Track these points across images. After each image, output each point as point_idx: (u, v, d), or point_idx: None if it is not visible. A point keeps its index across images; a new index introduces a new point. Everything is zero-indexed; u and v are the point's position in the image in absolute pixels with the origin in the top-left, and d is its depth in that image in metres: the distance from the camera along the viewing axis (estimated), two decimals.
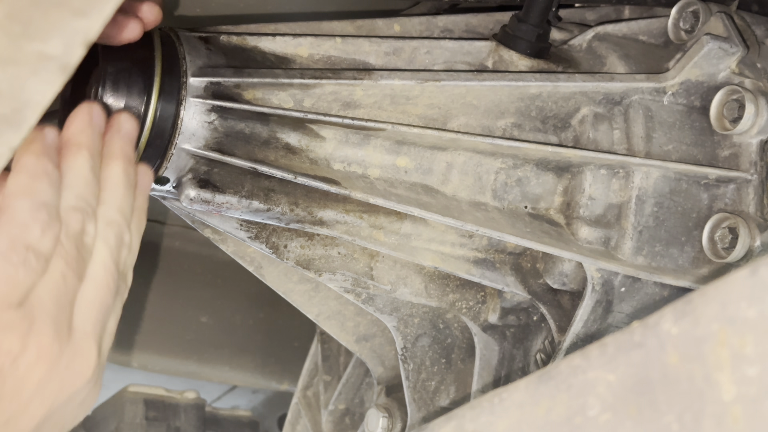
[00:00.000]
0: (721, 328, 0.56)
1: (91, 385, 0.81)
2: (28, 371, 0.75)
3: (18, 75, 0.62)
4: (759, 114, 1.05)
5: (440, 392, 1.19)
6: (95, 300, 0.80)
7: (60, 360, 0.77)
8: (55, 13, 0.60)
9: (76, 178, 0.80)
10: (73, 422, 0.83)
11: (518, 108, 1.07)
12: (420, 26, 1.13)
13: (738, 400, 0.55)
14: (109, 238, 0.81)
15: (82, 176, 0.81)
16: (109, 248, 0.81)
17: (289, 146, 1.01)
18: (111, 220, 0.82)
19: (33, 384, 0.76)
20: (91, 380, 0.80)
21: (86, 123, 0.83)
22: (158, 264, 1.65)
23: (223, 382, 1.87)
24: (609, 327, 1.07)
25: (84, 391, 0.80)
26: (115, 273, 0.81)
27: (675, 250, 1.07)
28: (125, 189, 0.84)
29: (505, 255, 1.11)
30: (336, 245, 1.10)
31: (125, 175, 0.84)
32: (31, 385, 0.76)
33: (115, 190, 0.83)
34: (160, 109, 0.96)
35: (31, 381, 0.76)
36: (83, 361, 0.79)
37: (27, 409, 0.76)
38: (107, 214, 0.82)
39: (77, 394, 0.80)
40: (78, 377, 0.79)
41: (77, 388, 0.79)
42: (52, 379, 0.77)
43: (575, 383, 0.62)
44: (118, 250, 0.82)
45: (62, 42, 0.61)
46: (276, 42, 1.03)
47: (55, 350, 0.76)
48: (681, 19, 1.12)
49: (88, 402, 0.83)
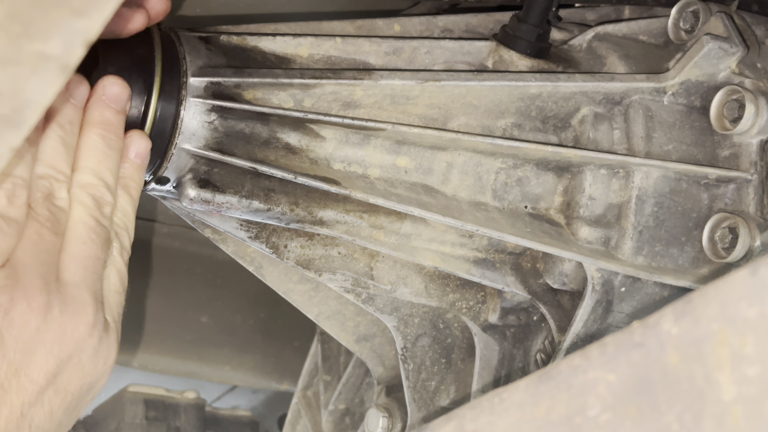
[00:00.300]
0: (721, 328, 0.56)
1: (99, 333, 0.84)
2: (23, 322, 0.79)
3: (18, 75, 0.62)
4: (759, 114, 1.05)
5: (440, 392, 1.19)
6: (79, 253, 0.84)
7: (52, 308, 0.81)
8: (56, 13, 0.60)
9: (45, 149, 0.85)
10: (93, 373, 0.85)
11: (518, 108, 1.07)
12: (420, 26, 1.13)
13: (738, 400, 0.55)
14: (84, 198, 0.86)
15: (50, 146, 0.85)
16: (86, 207, 0.86)
17: (290, 146, 1.01)
18: (85, 183, 0.86)
19: (31, 333, 0.80)
20: (93, 325, 0.83)
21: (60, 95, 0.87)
22: (158, 264, 1.65)
23: (223, 382, 1.86)
24: (609, 327, 1.07)
25: (91, 339, 0.84)
26: (96, 227, 0.86)
27: (675, 250, 1.07)
28: (101, 154, 0.88)
29: (505, 255, 1.11)
30: (336, 245, 1.10)
31: (102, 140, 0.88)
32: (29, 334, 0.80)
33: (90, 156, 0.88)
34: (160, 108, 0.96)
35: (29, 330, 0.80)
36: (77, 307, 0.83)
37: (34, 357, 0.80)
38: (81, 179, 0.86)
39: (84, 341, 0.83)
40: (77, 323, 0.82)
41: (81, 334, 0.83)
42: (49, 326, 0.81)
43: (575, 383, 0.62)
44: (98, 208, 0.86)
45: (62, 42, 0.61)
46: (276, 42, 1.03)
47: (44, 299, 0.81)
48: (681, 19, 1.12)
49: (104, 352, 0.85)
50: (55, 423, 0.83)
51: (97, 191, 0.87)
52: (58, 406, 0.83)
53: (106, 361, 0.86)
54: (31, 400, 0.80)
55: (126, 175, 0.92)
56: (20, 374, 0.80)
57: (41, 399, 0.81)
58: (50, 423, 0.83)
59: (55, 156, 0.85)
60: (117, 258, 0.89)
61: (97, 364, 0.85)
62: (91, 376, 0.85)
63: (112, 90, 0.91)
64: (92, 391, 0.87)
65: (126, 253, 0.90)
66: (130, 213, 0.91)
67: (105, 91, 0.91)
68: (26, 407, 0.80)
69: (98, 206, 0.87)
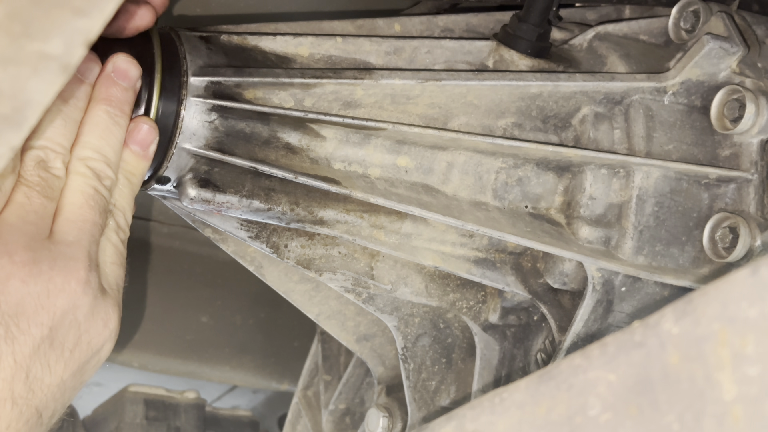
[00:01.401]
0: (721, 327, 0.56)
1: (93, 291, 0.85)
2: (5, 274, 0.81)
3: (19, 75, 0.62)
4: (759, 113, 1.05)
5: (441, 392, 1.19)
6: (74, 216, 0.86)
7: (39, 263, 0.82)
8: (56, 12, 0.60)
9: (45, 123, 0.87)
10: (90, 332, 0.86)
11: (519, 107, 1.07)
12: (420, 26, 1.13)
13: (739, 399, 0.55)
14: (82, 169, 0.87)
15: (48, 120, 0.87)
16: (84, 177, 0.87)
17: (290, 146, 1.01)
18: (85, 157, 0.88)
19: (16, 285, 0.81)
20: (85, 281, 0.84)
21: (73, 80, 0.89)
22: (158, 264, 1.65)
23: (223, 382, 1.86)
24: (609, 327, 1.07)
25: (84, 295, 0.84)
26: (95, 195, 0.87)
27: (675, 250, 1.07)
28: (104, 129, 0.89)
29: (505, 255, 1.11)
30: (336, 245, 1.10)
31: (106, 115, 0.90)
32: (14, 285, 0.81)
33: (92, 131, 0.89)
34: (160, 108, 0.96)
35: (13, 282, 0.81)
36: (68, 263, 0.84)
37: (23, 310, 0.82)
38: (81, 153, 0.88)
39: (76, 297, 0.84)
40: (67, 278, 0.84)
41: (72, 291, 0.84)
42: (36, 280, 0.82)
43: (576, 383, 0.62)
44: (96, 179, 0.88)
45: (63, 42, 0.61)
46: (276, 41, 1.03)
47: (29, 255, 0.82)
48: (682, 19, 1.12)
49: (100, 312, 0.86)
50: (56, 378, 0.84)
51: (97, 165, 0.88)
52: (55, 361, 0.83)
53: (106, 324, 0.87)
54: (23, 350, 0.81)
55: (127, 161, 0.92)
56: (9, 323, 0.81)
57: (37, 351, 0.82)
58: (50, 377, 0.83)
59: (52, 129, 0.87)
60: (113, 235, 0.90)
61: (96, 324, 0.86)
62: (89, 335, 0.86)
63: (121, 66, 0.92)
64: (97, 355, 0.87)
65: (122, 233, 0.91)
66: (128, 197, 0.92)
67: (114, 68, 0.91)
68: (20, 357, 0.81)
69: (97, 177, 0.88)
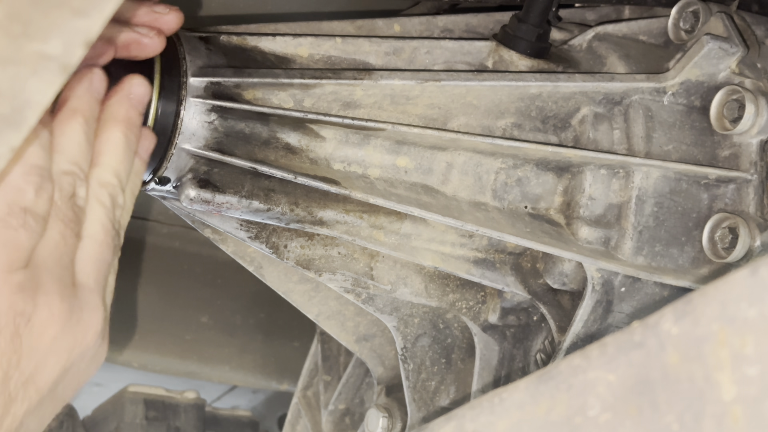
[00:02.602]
0: (721, 328, 0.56)
1: (101, 340, 0.83)
2: (42, 330, 0.77)
3: (18, 75, 0.62)
4: (759, 114, 1.05)
5: (440, 392, 1.19)
6: (95, 256, 0.82)
7: (70, 316, 0.78)
8: (56, 12, 0.60)
9: (69, 143, 0.82)
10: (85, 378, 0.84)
11: (518, 108, 1.07)
12: (420, 26, 1.13)
13: (738, 400, 0.55)
14: (104, 198, 0.83)
15: (75, 141, 0.82)
16: (105, 208, 0.83)
17: (289, 146, 1.01)
18: (105, 182, 0.84)
19: (47, 341, 0.77)
20: (100, 334, 0.82)
21: (84, 88, 0.85)
22: (158, 264, 1.65)
23: (223, 382, 1.87)
24: (609, 327, 1.07)
25: (95, 346, 0.82)
26: (112, 231, 0.83)
27: (675, 250, 1.07)
28: (123, 153, 0.86)
29: (505, 255, 1.11)
30: (336, 245, 1.10)
31: (125, 139, 0.86)
32: (45, 342, 0.77)
33: (112, 153, 0.85)
34: (160, 108, 0.96)
35: (46, 339, 0.77)
36: (91, 315, 0.81)
37: (45, 367, 0.78)
38: (102, 177, 0.84)
39: (89, 349, 0.81)
40: (88, 331, 0.80)
41: (89, 343, 0.81)
42: (65, 335, 0.78)
43: (575, 383, 0.62)
44: (113, 209, 0.84)
45: (62, 42, 0.61)
46: (276, 42, 1.03)
47: (65, 307, 0.78)
48: (681, 19, 1.12)
49: (99, 357, 0.84)
50: (43, 425, 0.82)
51: (114, 191, 0.84)
52: (50, 413, 0.81)
53: (98, 365, 0.85)
54: (31, 409, 0.78)
55: (136, 171, 0.89)
56: (28, 384, 0.77)
57: (40, 407, 0.79)
58: (39, 427, 0.81)
59: (78, 152, 0.82)
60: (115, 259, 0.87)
61: (90, 368, 0.84)
62: (87, 374, 0.84)
63: (139, 91, 0.89)
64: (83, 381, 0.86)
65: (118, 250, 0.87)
66: (130, 210, 0.89)
67: (132, 90, 0.88)
68: (26, 416, 0.78)
69: (113, 208, 0.84)
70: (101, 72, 0.87)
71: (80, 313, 0.79)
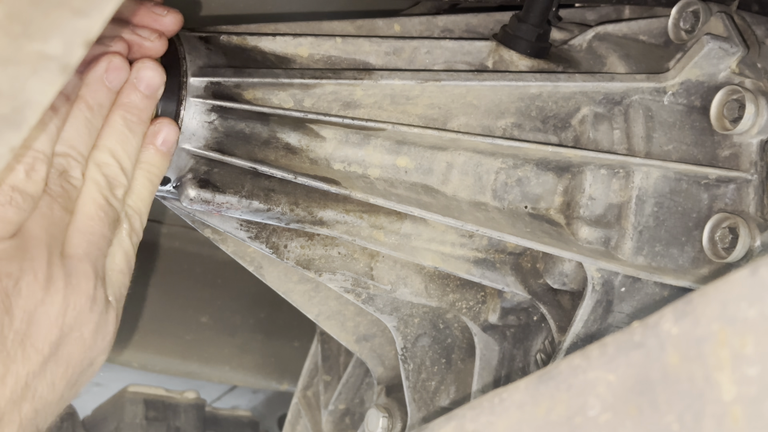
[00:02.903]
0: (721, 328, 0.56)
1: (97, 311, 0.86)
2: (29, 292, 0.82)
3: (18, 75, 0.62)
4: (759, 114, 1.05)
5: (440, 392, 1.19)
6: (85, 228, 0.87)
7: (56, 280, 0.83)
8: (56, 12, 0.60)
9: (69, 128, 0.88)
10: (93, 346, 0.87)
11: (518, 108, 1.07)
12: (420, 26, 1.13)
13: (738, 400, 0.55)
14: (97, 177, 0.88)
15: (74, 126, 0.88)
16: (97, 185, 0.88)
17: (289, 146, 1.01)
18: (100, 162, 0.89)
19: (36, 303, 0.82)
20: (92, 298, 0.85)
21: (95, 76, 0.90)
22: (158, 264, 1.65)
23: (223, 382, 1.86)
24: (609, 327, 1.07)
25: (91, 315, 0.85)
26: (105, 206, 0.88)
27: (675, 250, 1.07)
28: (120, 135, 0.90)
29: (505, 255, 1.11)
30: (336, 245, 1.10)
31: (123, 121, 0.91)
32: (34, 303, 0.82)
33: (109, 136, 0.90)
34: (160, 108, 0.96)
35: (34, 300, 0.82)
36: (79, 279, 0.85)
37: (39, 328, 0.82)
38: (97, 157, 0.89)
39: (83, 316, 0.85)
40: (79, 295, 0.84)
41: (81, 306, 0.85)
42: (53, 298, 0.83)
43: (575, 383, 0.62)
44: (109, 188, 0.89)
45: (62, 42, 0.61)
46: (276, 42, 1.03)
47: (49, 271, 0.83)
48: (681, 19, 1.12)
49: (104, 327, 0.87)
50: (57, 395, 0.85)
51: (110, 171, 0.89)
52: (59, 378, 0.85)
53: (105, 337, 0.88)
54: (35, 369, 0.82)
55: (149, 160, 0.93)
56: (26, 344, 0.82)
57: (44, 369, 0.83)
58: (52, 394, 0.84)
59: (76, 137, 0.88)
60: (125, 239, 0.91)
61: (97, 339, 0.87)
62: (91, 351, 0.87)
63: (144, 74, 0.92)
64: (92, 367, 0.88)
65: (135, 236, 0.92)
66: (146, 198, 0.93)
67: (137, 74, 0.92)
68: (30, 377, 0.82)
69: (110, 186, 0.89)
70: (117, 59, 0.91)
71: (68, 278, 0.84)
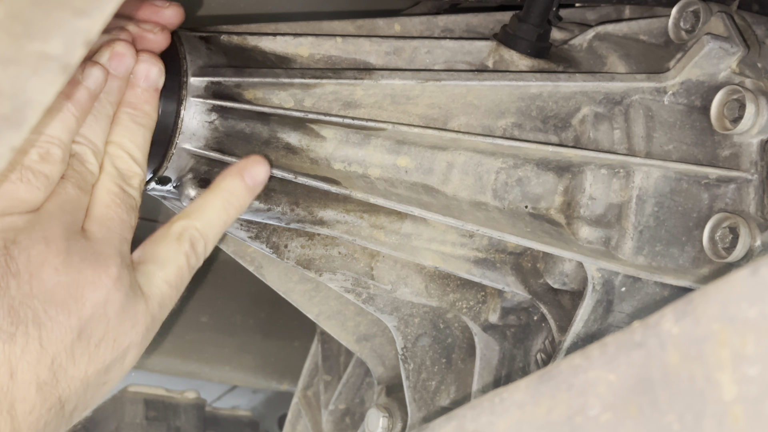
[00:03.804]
0: (721, 327, 0.56)
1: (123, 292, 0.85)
2: (40, 260, 0.82)
3: (19, 74, 0.62)
4: (759, 114, 1.05)
5: (441, 392, 1.19)
6: (102, 215, 0.88)
7: (72, 254, 0.83)
8: (56, 12, 0.60)
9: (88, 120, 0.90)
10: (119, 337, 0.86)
11: (519, 108, 1.07)
12: (420, 26, 1.13)
13: (739, 399, 0.55)
14: (109, 168, 0.91)
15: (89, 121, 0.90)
16: (110, 175, 0.90)
17: (290, 146, 1.01)
18: (111, 154, 0.92)
19: (49, 272, 0.82)
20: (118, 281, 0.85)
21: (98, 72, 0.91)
22: None
23: (223, 382, 1.86)
24: (609, 327, 1.07)
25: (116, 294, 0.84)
26: (120, 193, 0.90)
27: (675, 250, 1.07)
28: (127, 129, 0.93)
29: (505, 255, 1.11)
30: (336, 245, 1.10)
31: (127, 116, 0.93)
32: (47, 272, 0.82)
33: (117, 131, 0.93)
34: (160, 108, 0.96)
35: (47, 269, 0.82)
36: (99, 258, 0.84)
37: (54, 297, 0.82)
38: (108, 150, 0.92)
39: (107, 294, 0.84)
40: (98, 273, 0.84)
41: (103, 285, 0.84)
42: (68, 270, 0.83)
43: (576, 383, 0.62)
44: (122, 178, 0.91)
45: (63, 42, 0.61)
46: (276, 42, 1.03)
47: (64, 244, 0.83)
48: (681, 19, 1.12)
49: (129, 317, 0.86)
50: (80, 371, 0.83)
51: (122, 163, 0.91)
52: (81, 353, 0.83)
53: (134, 326, 0.86)
54: (50, 336, 0.81)
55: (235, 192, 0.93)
56: (38, 308, 0.81)
57: (63, 339, 0.82)
58: (74, 368, 0.83)
59: (86, 127, 0.90)
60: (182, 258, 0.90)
61: (124, 323, 0.85)
62: (116, 333, 0.85)
63: (141, 67, 0.94)
64: (121, 360, 0.86)
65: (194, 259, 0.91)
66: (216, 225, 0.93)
67: (136, 69, 0.94)
68: (45, 341, 0.81)
69: (122, 176, 0.90)
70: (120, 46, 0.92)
71: (85, 254, 0.84)
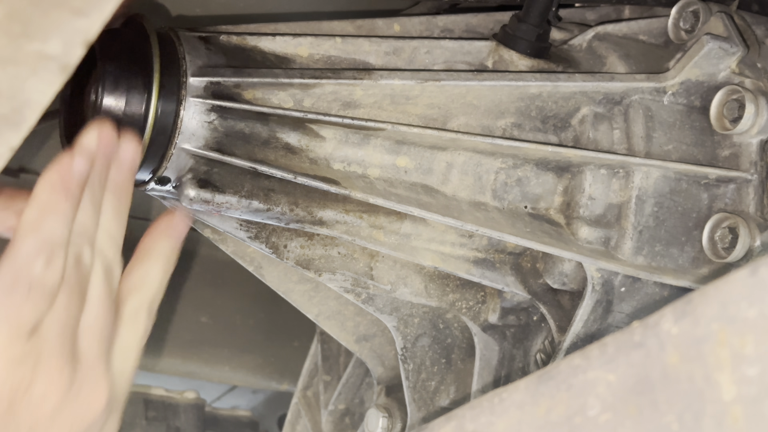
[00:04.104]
0: (721, 328, 0.56)
1: (107, 413, 0.81)
2: (40, 401, 0.76)
3: (18, 75, 0.62)
4: (759, 114, 1.05)
5: (440, 392, 1.19)
6: (95, 325, 0.81)
7: (70, 387, 0.78)
8: (55, 12, 0.60)
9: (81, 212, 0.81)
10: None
11: (518, 108, 1.07)
12: (420, 26, 1.13)
13: (738, 400, 0.55)
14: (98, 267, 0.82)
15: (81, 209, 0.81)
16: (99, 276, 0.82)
17: (289, 146, 1.01)
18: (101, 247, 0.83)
19: (47, 413, 0.77)
20: (106, 407, 0.80)
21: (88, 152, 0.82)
22: None
23: (223, 382, 1.86)
24: (609, 327, 1.07)
25: (101, 420, 0.81)
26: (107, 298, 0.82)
27: (675, 250, 1.07)
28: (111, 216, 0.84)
29: (505, 255, 1.11)
30: (336, 245, 1.10)
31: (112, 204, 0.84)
32: (45, 414, 0.77)
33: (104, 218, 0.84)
34: (160, 108, 0.96)
35: (45, 411, 0.77)
36: (93, 387, 0.80)
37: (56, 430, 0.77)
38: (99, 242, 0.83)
39: (93, 424, 0.80)
40: (91, 404, 0.80)
41: (93, 416, 0.80)
42: (65, 407, 0.78)
43: (575, 383, 0.62)
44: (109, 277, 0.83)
45: (62, 42, 0.61)
46: (276, 42, 1.03)
47: (65, 378, 0.78)
48: (681, 19, 1.12)
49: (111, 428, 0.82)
50: None
51: (109, 254, 0.83)
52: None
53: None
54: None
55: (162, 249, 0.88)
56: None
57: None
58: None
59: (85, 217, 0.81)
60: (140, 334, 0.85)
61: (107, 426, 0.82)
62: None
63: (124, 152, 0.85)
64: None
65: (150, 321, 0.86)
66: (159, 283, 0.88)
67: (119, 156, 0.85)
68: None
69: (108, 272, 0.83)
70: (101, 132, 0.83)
71: (81, 384, 0.79)
